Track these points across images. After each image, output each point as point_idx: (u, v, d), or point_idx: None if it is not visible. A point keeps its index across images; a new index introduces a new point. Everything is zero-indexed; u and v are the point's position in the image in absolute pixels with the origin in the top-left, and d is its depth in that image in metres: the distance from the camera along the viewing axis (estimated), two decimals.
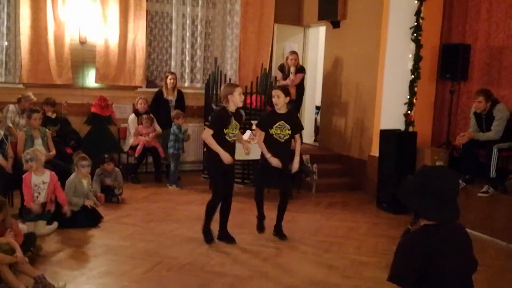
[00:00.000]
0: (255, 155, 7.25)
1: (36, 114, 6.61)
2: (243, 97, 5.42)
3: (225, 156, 5.25)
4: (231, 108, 5.36)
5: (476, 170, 6.46)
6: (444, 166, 5.68)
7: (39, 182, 5.63)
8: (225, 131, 5.29)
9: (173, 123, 8.04)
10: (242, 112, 5.71)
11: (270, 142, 5.57)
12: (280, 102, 5.56)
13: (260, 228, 5.81)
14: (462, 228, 2.43)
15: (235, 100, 5.32)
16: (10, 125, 7.22)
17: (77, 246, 5.25)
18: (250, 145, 7.17)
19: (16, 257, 4.15)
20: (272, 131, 5.56)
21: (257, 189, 5.83)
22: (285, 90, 5.67)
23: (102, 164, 7.09)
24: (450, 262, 2.28)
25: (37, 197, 5.60)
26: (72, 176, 6.07)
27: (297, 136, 5.76)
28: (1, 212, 4.43)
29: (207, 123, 6.60)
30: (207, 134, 5.33)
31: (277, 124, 5.56)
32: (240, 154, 7.15)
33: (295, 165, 5.76)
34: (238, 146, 5.64)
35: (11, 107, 7.43)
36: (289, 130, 5.58)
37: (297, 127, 5.73)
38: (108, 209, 6.60)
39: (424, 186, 2.35)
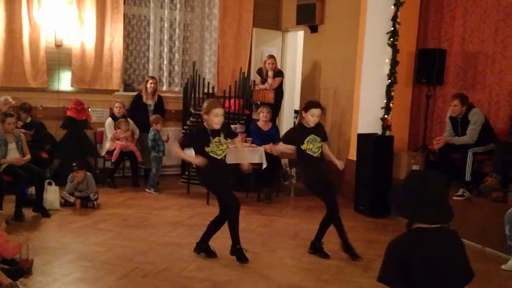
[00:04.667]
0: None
1: (10, 118, 6.48)
2: (221, 119, 4.98)
3: (194, 159, 5.04)
4: (214, 126, 5.00)
5: (452, 174, 6.53)
6: (431, 170, 5.68)
7: None
8: (206, 149, 4.98)
9: (151, 128, 7.97)
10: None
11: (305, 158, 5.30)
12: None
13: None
14: (455, 237, 2.43)
15: (210, 122, 4.97)
16: None
17: (51, 252, 5.16)
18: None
19: None
20: (304, 146, 5.24)
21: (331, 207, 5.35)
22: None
23: (72, 172, 6.98)
24: (432, 268, 2.27)
25: None
26: None
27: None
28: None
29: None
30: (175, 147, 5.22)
31: (308, 138, 5.24)
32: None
33: None
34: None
35: None
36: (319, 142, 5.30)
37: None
38: (84, 214, 6.53)
39: (413, 190, 2.39)
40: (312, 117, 5.20)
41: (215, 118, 4.94)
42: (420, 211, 2.35)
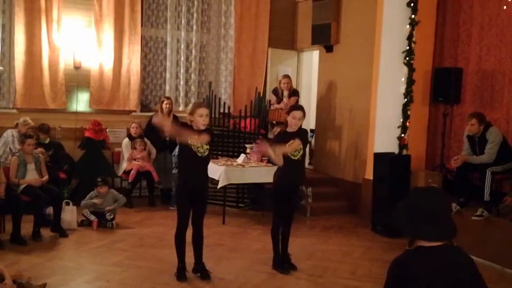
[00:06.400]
0: (250, 178, 7.25)
1: (29, 140, 6.59)
2: (205, 119, 5.05)
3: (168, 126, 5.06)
4: (200, 126, 5.04)
5: (470, 193, 6.45)
6: (433, 186, 5.65)
7: None
8: (189, 141, 4.95)
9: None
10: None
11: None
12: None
13: (281, 266, 5.50)
14: (462, 254, 2.37)
15: (196, 122, 5.04)
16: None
17: (68, 272, 5.18)
18: (244, 169, 7.20)
19: (5, 285, 4.10)
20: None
21: (277, 219, 5.58)
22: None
23: (96, 187, 7.06)
24: (433, 286, 2.24)
25: None
26: None
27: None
28: None
29: None
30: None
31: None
32: (235, 178, 7.15)
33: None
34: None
35: (10, 132, 7.44)
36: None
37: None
38: (101, 234, 6.56)
39: (412, 206, 2.36)
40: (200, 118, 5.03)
41: (200, 118, 4.99)
42: (418, 227, 2.31)
